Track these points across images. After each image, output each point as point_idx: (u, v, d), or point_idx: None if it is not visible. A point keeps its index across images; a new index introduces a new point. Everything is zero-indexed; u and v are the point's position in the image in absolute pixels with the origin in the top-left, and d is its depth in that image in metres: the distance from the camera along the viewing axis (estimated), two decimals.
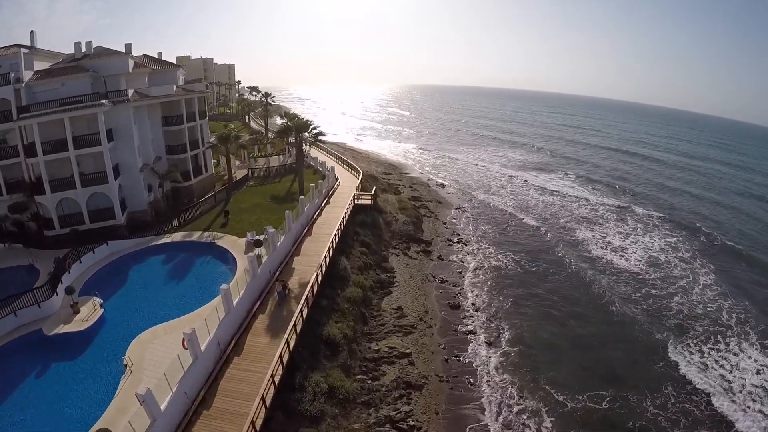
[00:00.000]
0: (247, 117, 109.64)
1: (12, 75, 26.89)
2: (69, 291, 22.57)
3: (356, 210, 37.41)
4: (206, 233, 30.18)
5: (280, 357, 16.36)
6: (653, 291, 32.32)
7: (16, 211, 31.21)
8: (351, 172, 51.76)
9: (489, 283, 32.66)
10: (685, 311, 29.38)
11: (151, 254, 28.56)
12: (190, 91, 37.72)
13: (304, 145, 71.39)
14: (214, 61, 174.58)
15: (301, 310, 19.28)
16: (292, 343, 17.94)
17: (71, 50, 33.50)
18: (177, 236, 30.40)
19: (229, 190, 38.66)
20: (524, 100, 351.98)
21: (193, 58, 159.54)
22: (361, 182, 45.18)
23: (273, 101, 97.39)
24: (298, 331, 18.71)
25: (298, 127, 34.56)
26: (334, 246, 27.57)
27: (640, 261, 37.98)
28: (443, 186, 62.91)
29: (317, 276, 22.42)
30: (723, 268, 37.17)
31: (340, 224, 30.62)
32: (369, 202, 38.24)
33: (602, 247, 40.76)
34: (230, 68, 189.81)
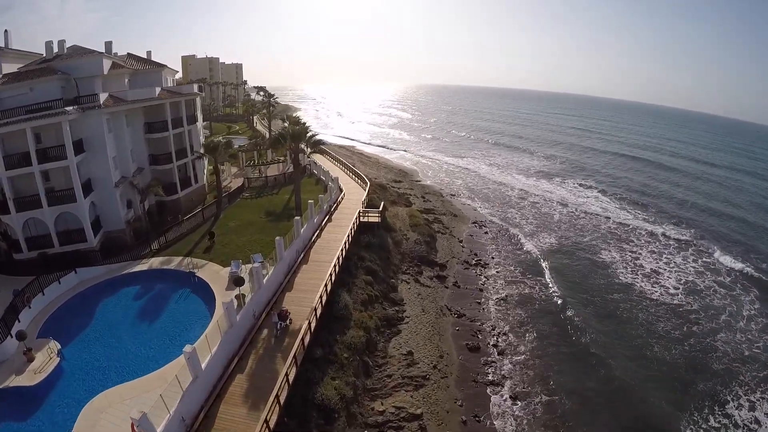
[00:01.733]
0: (253, 118, 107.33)
1: None
2: (20, 336, 19.77)
3: (362, 229, 34.20)
4: (187, 260, 27.15)
5: None
6: (694, 327, 29.22)
7: None
8: (357, 182, 48.51)
9: (511, 317, 29.47)
10: (730, 352, 26.53)
11: (123, 285, 25.70)
12: (176, 93, 34.80)
13: (306, 149, 68.65)
14: (221, 61, 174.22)
15: (287, 374, 15.98)
16: (273, 420, 14.68)
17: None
18: (155, 262, 27.51)
19: (218, 204, 35.61)
20: (535, 101, 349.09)
21: (199, 57, 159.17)
22: (368, 195, 41.85)
23: (277, 102, 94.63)
24: (281, 402, 15.40)
25: (293, 135, 31.29)
26: (333, 278, 24.27)
27: (678, 289, 34.67)
28: (458, 195, 59.54)
29: (310, 324, 19.09)
30: (766, 296, 33.93)
31: (342, 250, 27.33)
32: (376, 219, 34.98)
33: (633, 272, 37.31)
34: (237, 68, 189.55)
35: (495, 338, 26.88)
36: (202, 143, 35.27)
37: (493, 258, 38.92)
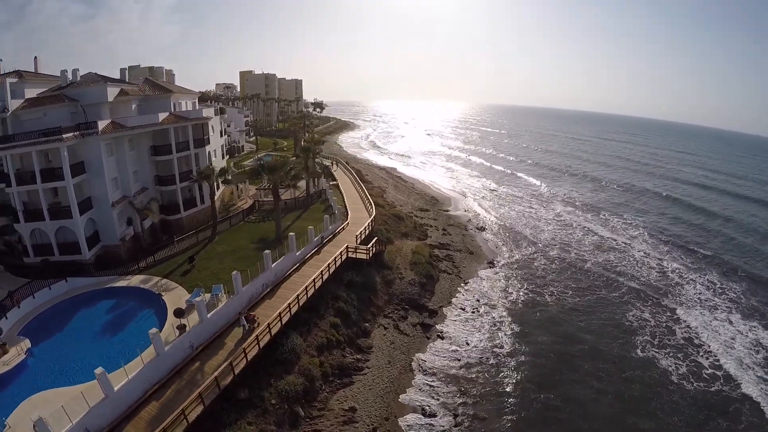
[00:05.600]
0: (298, 135, 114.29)
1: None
2: None
3: (350, 265, 35.23)
4: (163, 281, 30.29)
5: None
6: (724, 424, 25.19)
7: (3, 233, 34.59)
8: (368, 212, 49.84)
9: (489, 383, 27.90)
10: None
11: (102, 298, 29.74)
12: (182, 118, 39.41)
13: (334, 165, 71.90)
14: (281, 76, 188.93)
15: (183, 409, 17.53)
16: None
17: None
18: (136, 280, 31.20)
19: (213, 228, 39.09)
20: (604, 125, 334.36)
21: (256, 72, 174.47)
22: (369, 228, 42.80)
23: (317, 116, 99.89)
24: None
25: (269, 168, 33.82)
26: (284, 319, 25.61)
27: (719, 369, 30.16)
28: (483, 229, 58.73)
29: (232, 364, 20.53)
30: None
31: (307, 288, 28.69)
32: (364, 257, 35.79)
33: (662, 341, 33.45)
34: (297, 83, 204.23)
35: (456, 402, 25.82)
36: (198, 169, 39.19)
37: (495, 307, 37.57)
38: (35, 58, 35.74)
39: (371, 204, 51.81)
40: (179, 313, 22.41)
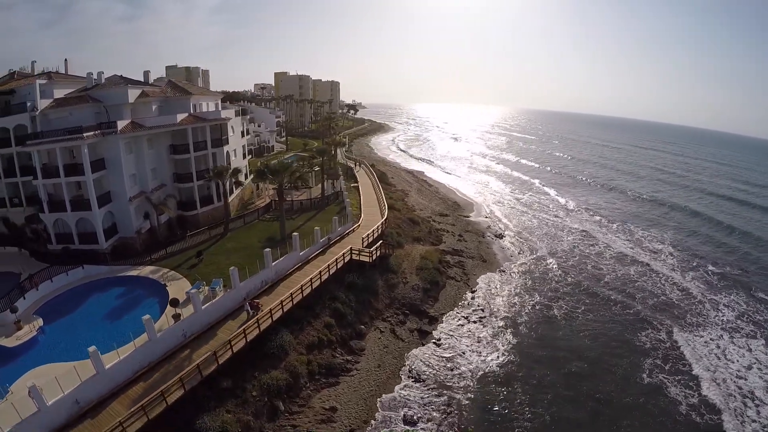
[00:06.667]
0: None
1: (29, 104, 33.43)
2: (13, 310, 26.71)
3: (352, 267, 36.08)
4: (170, 273, 32.36)
5: None
6: None
7: (31, 222, 37.93)
8: (381, 216, 50.54)
9: (478, 396, 27.47)
10: None
11: (113, 285, 32.34)
12: (201, 119, 41.91)
13: (357, 166, 73.25)
14: (317, 78, 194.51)
15: (163, 391, 19.00)
16: (135, 427, 17.84)
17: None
18: (146, 270, 33.66)
19: (225, 225, 41.17)
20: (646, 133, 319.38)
21: (291, 74, 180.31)
22: (380, 229, 43.58)
23: (350, 117, 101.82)
24: (149, 414, 18.57)
25: (272, 170, 35.29)
26: (276, 315, 26.80)
27: (737, 395, 28.62)
28: (501, 236, 58.33)
29: (215, 354, 21.86)
30: None
31: (303, 287, 29.81)
32: (367, 259, 36.58)
33: (677, 368, 31.52)
34: (333, 85, 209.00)
35: (441, 413, 25.75)
36: (210, 168, 41.51)
37: (498, 319, 37.19)
38: (65, 60, 39.55)
39: (386, 207, 52.51)
40: (175, 302, 24.07)
